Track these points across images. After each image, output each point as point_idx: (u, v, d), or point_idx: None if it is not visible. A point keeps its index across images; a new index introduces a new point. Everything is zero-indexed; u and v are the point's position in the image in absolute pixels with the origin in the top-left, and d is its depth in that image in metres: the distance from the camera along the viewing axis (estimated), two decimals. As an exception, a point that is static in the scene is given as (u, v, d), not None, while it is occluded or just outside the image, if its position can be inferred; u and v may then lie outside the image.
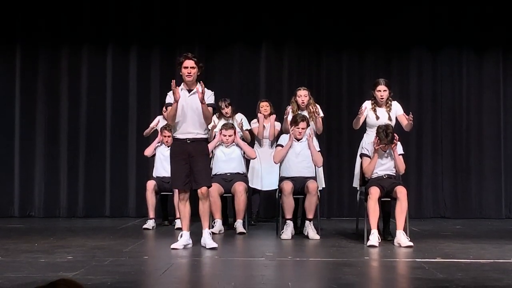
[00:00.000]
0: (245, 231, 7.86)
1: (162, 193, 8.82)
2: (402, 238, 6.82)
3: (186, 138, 6.69)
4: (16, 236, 7.71)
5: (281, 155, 7.74)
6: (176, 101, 6.62)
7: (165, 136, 8.70)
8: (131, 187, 10.24)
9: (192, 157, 6.67)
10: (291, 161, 7.73)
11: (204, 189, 6.70)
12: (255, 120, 8.99)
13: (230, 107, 8.79)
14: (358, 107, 7.78)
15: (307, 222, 7.52)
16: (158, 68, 10.38)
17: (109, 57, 10.40)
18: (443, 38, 10.41)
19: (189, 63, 6.69)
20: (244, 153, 8.37)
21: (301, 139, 7.75)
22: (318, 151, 7.82)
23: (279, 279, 5.32)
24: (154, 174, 8.85)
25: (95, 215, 10.10)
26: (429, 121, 10.38)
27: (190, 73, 6.69)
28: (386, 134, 7.08)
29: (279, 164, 7.84)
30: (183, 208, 6.72)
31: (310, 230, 7.46)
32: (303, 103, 8.09)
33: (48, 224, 9.22)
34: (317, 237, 7.41)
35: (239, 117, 8.80)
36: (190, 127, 6.70)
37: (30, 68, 10.34)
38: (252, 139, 8.99)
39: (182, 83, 6.80)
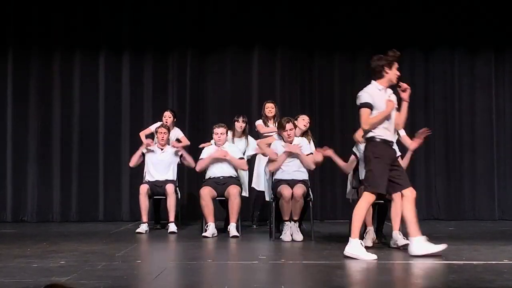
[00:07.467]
0: (238, 235, 7.86)
1: (155, 197, 8.80)
2: (399, 238, 6.84)
3: None
4: (9, 241, 7.69)
5: (275, 168, 7.78)
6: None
7: (161, 133, 8.74)
8: (125, 191, 10.23)
9: None
10: (284, 165, 7.76)
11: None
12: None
13: (245, 124, 8.85)
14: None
15: (292, 222, 7.56)
16: (150, 72, 10.39)
17: (101, 62, 10.40)
18: (435, 38, 10.44)
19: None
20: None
21: (292, 141, 7.79)
22: (310, 153, 7.87)
23: (273, 282, 5.31)
24: (147, 178, 8.83)
25: (88, 219, 10.09)
26: (422, 122, 10.35)
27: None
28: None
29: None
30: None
31: (294, 230, 7.53)
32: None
33: (41, 229, 9.21)
34: (300, 238, 7.47)
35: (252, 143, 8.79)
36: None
37: (23, 72, 10.33)
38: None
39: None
